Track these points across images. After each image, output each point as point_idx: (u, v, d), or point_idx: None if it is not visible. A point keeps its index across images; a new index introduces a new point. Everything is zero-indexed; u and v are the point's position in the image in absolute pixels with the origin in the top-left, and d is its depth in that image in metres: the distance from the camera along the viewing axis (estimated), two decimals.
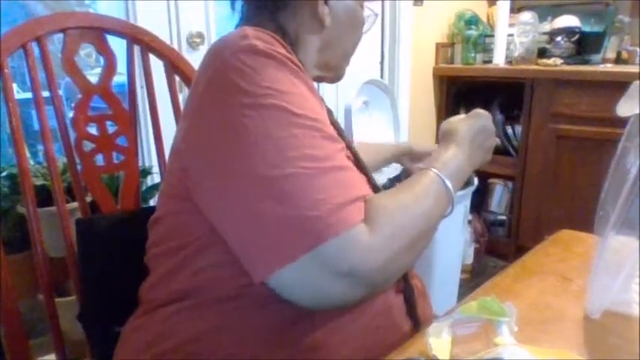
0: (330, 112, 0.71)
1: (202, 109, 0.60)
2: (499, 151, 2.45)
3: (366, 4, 0.78)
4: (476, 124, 0.73)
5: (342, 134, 0.72)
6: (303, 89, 0.59)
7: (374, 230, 0.53)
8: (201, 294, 0.62)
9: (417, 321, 0.71)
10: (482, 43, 2.53)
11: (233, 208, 0.55)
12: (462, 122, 0.73)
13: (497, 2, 2.41)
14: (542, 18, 2.47)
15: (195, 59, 0.78)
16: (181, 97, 1.03)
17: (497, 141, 0.78)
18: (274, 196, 0.52)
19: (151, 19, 1.46)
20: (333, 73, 0.79)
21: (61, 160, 0.99)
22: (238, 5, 0.75)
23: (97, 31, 0.86)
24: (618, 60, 2.32)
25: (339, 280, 0.52)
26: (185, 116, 0.64)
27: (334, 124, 0.70)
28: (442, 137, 0.72)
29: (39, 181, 1.16)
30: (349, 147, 0.70)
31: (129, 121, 0.89)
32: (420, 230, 0.58)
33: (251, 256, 0.54)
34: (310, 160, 0.53)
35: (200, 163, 0.59)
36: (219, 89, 0.58)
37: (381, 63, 2.34)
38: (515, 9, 2.61)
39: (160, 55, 0.94)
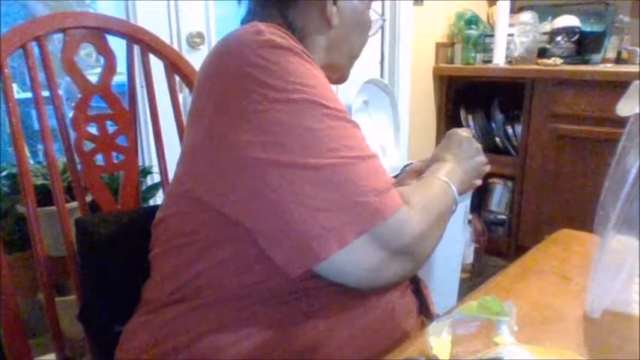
0: None
1: (224, 108, 0.58)
2: (499, 150, 2.48)
3: (373, 7, 0.78)
4: (451, 141, 0.78)
5: None
6: (325, 80, 0.60)
7: (412, 211, 0.59)
8: (204, 294, 0.62)
9: (430, 318, 0.72)
10: (483, 43, 2.53)
11: (276, 201, 0.54)
12: (441, 147, 0.78)
13: (498, 2, 2.41)
14: (542, 18, 2.47)
15: (195, 59, 0.78)
16: (181, 97, 1.03)
17: (479, 146, 0.82)
18: (323, 186, 0.53)
19: (151, 19, 1.46)
20: (337, 74, 0.79)
21: (61, 160, 0.99)
22: (244, 1, 0.75)
23: (97, 31, 0.86)
24: (618, 60, 2.32)
25: (391, 258, 0.57)
26: (198, 116, 0.62)
27: None
28: (434, 161, 0.76)
29: (39, 181, 1.16)
30: None
31: (129, 121, 0.89)
32: (440, 217, 0.64)
33: (296, 245, 0.54)
34: (349, 150, 0.55)
35: (230, 162, 0.57)
36: (242, 87, 0.56)
37: (381, 63, 2.34)
38: (516, 9, 2.61)
39: (160, 55, 0.94)
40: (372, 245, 0.55)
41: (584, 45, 2.38)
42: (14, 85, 0.83)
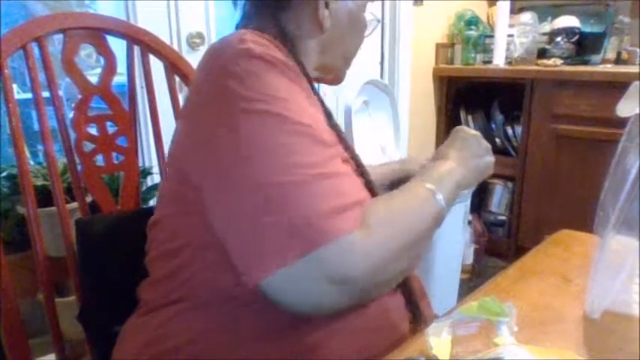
0: (329, 115, 0.71)
1: (198, 113, 0.61)
2: (499, 151, 2.48)
3: (368, 9, 0.78)
4: (456, 138, 0.75)
5: (342, 136, 0.72)
6: (299, 94, 0.59)
7: (367, 238, 0.53)
8: (200, 295, 0.62)
9: (419, 318, 0.71)
10: (483, 44, 2.53)
11: (227, 213, 0.55)
12: (445, 144, 0.75)
13: (498, 2, 2.41)
14: (542, 18, 2.48)
15: (195, 59, 0.78)
16: (181, 97, 1.03)
17: (488, 145, 0.78)
18: (268, 203, 0.52)
19: (151, 20, 1.46)
20: (332, 75, 0.79)
21: (61, 161, 0.99)
22: (240, 4, 0.75)
23: (97, 32, 0.86)
24: (618, 60, 2.32)
25: (329, 287, 0.52)
26: (182, 118, 0.65)
27: (334, 126, 0.71)
28: (435, 159, 0.73)
29: (39, 181, 1.16)
30: (347, 148, 0.70)
31: (129, 121, 0.89)
32: (412, 240, 0.58)
33: (244, 260, 0.54)
34: (304, 167, 0.53)
35: (198, 166, 0.59)
36: (215, 94, 0.58)
37: (381, 63, 2.34)
38: (515, 9, 2.61)
39: (160, 55, 0.94)
40: (310, 270, 0.51)
41: (584, 46, 2.38)
42: (14, 86, 0.83)
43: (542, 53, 2.40)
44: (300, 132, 0.55)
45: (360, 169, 0.71)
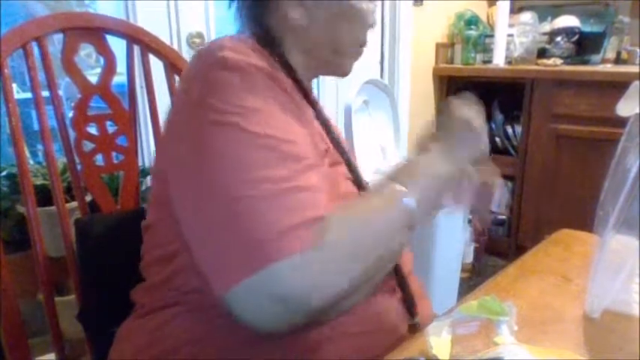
0: (322, 117, 0.70)
1: (173, 120, 0.61)
2: (499, 150, 2.48)
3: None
4: (444, 124, 0.68)
5: (335, 138, 0.71)
6: (274, 106, 0.57)
7: (319, 255, 0.50)
8: (197, 299, 0.62)
9: (418, 318, 0.70)
10: (482, 44, 2.53)
11: (191, 225, 0.56)
12: (432, 134, 0.68)
13: (497, 2, 2.41)
14: (542, 18, 2.48)
15: None
16: None
17: (480, 125, 0.67)
18: (225, 218, 0.51)
19: (150, 20, 1.46)
20: (334, 68, 0.76)
21: (60, 160, 0.99)
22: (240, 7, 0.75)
23: (97, 32, 0.86)
24: (618, 60, 2.32)
25: (277, 304, 0.50)
26: (166, 120, 0.65)
27: (327, 128, 0.70)
28: (418, 151, 0.67)
29: (39, 181, 1.16)
30: (340, 149, 0.70)
31: (129, 121, 0.89)
32: (374, 251, 0.55)
33: (209, 273, 0.54)
34: (266, 182, 0.51)
35: (171, 173, 0.60)
36: (189, 102, 0.58)
37: (381, 63, 2.34)
38: (515, 9, 2.61)
39: (160, 55, 0.94)
40: (260, 287, 0.49)
41: (584, 45, 2.38)
42: (14, 86, 0.83)
43: (542, 53, 2.40)
44: (266, 145, 0.53)
45: (351, 169, 0.71)
